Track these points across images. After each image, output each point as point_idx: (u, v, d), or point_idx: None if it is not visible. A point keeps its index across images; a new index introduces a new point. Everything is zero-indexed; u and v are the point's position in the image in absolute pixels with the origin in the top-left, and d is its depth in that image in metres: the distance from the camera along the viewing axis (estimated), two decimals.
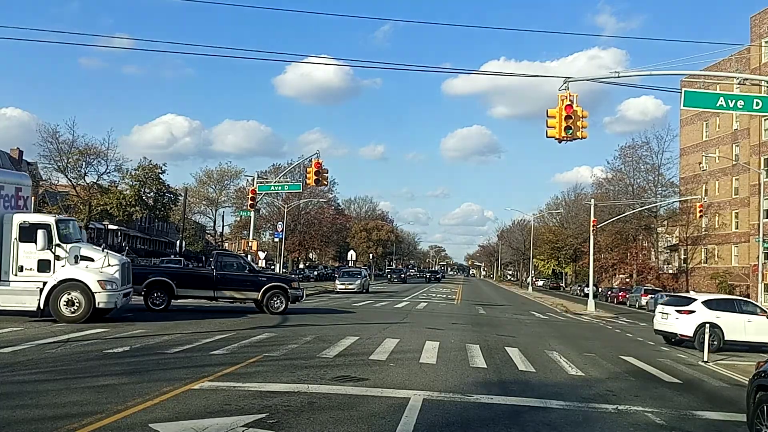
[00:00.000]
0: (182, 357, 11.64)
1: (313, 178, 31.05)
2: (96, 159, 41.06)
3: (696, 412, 9.48)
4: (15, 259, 16.22)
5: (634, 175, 63.84)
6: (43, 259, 16.29)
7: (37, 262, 16.25)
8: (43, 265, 16.30)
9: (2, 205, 16.72)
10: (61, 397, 7.83)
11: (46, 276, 16.28)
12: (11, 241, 16.22)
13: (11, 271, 16.18)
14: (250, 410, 7.57)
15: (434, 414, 8.03)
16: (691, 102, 16.60)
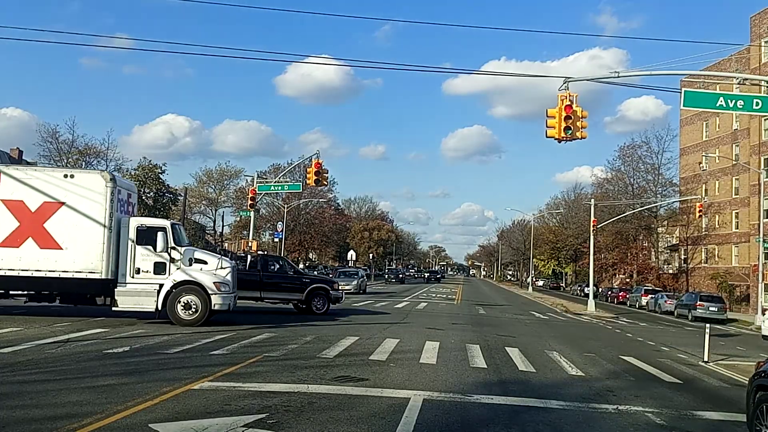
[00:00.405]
0: (182, 357, 11.64)
1: (312, 178, 31.04)
2: (96, 159, 41.11)
3: (696, 412, 9.48)
4: (132, 261, 16.57)
5: (634, 175, 63.91)
6: (159, 262, 16.66)
7: (154, 264, 16.62)
8: (159, 268, 16.64)
9: (119, 210, 16.98)
10: (60, 397, 7.83)
11: (161, 278, 16.61)
12: (128, 244, 16.58)
13: (128, 273, 16.54)
14: (250, 410, 7.56)
15: (434, 414, 8.02)
16: (691, 102, 16.59)
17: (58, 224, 16.14)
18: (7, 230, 16.07)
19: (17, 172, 16.66)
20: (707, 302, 37.99)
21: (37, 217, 16.14)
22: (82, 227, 16.18)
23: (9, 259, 16.08)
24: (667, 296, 46.31)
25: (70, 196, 16.27)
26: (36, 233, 16.10)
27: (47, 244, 16.10)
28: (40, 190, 16.22)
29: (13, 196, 16.15)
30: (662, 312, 43.76)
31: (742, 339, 26.87)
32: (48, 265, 16.10)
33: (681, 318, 39.12)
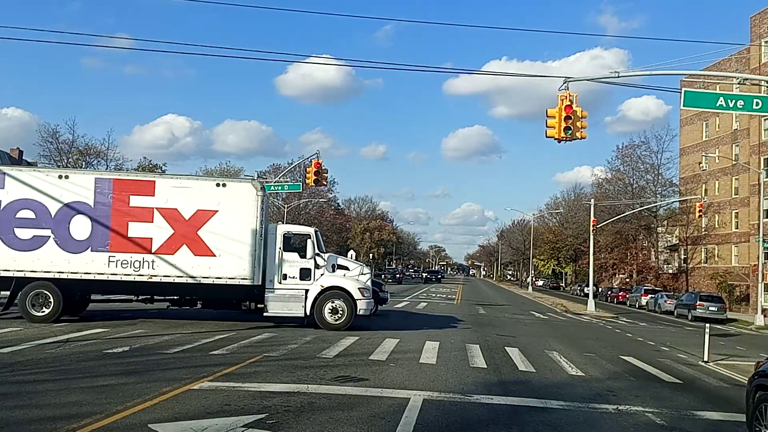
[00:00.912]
0: (182, 357, 11.63)
1: (312, 178, 31.01)
2: (96, 159, 41.09)
3: (696, 412, 9.47)
4: (280, 267, 17.01)
5: (634, 174, 63.89)
6: (305, 268, 17.09)
7: (300, 270, 17.10)
8: (304, 274, 17.08)
9: (265, 216, 17.27)
10: (60, 398, 7.82)
11: (307, 284, 17.03)
12: (276, 250, 17.04)
13: (276, 279, 16.99)
14: (249, 410, 7.56)
15: (434, 414, 8.02)
16: (691, 102, 16.57)
17: (211, 232, 16.54)
18: (162, 237, 16.44)
19: (172, 181, 17.02)
20: (707, 302, 37.97)
21: (191, 225, 16.54)
22: (234, 234, 16.55)
23: (165, 265, 16.40)
24: (666, 296, 46.30)
25: (223, 205, 16.64)
26: (190, 240, 16.51)
27: (201, 251, 16.50)
28: (193, 199, 16.62)
29: (167, 205, 16.54)
30: (662, 312, 43.75)
31: (741, 339, 26.86)
32: (202, 272, 16.45)
33: (681, 318, 39.12)
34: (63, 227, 16.18)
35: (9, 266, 16.10)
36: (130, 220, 16.38)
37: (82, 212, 16.22)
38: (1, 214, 16.13)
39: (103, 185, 16.48)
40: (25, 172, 16.98)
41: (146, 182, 16.94)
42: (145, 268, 16.36)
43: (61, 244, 16.17)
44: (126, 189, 16.57)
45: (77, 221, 16.21)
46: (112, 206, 16.38)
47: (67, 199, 16.29)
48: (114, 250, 16.28)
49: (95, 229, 16.25)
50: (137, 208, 16.42)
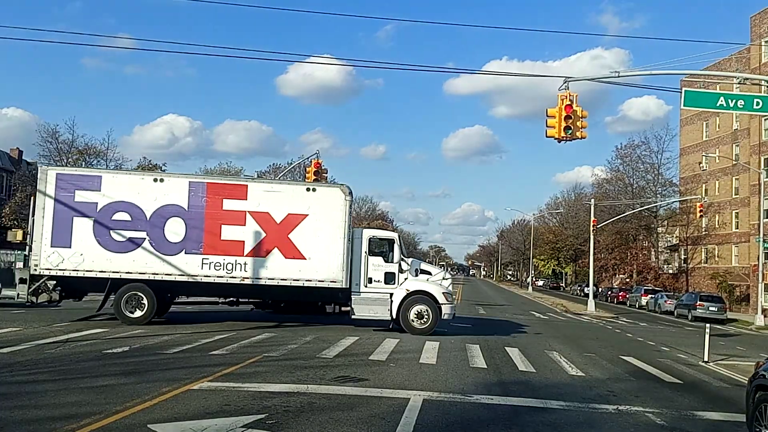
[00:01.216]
0: (182, 357, 11.62)
1: (312, 178, 31.00)
2: (96, 159, 41.06)
3: (697, 413, 9.46)
4: (365, 271, 17.27)
5: (634, 174, 63.86)
6: (389, 272, 17.30)
7: (384, 274, 17.33)
8: (389, 278, 17.29)
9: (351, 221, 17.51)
10: (59, 398, 7.81)
11: (391, 288, 17.23)
12: (361, 254, 17.29)
13: (362, 282, 17.25)
14: (249, 411, 7.54)
15: (434, 414, 8.00)
16: (692, 102, 16.57)
17: (301, 235, 16.82)
18: (254, 240, 16.73)
19: (264, 185, 17.46)
20: (707, 302, 37.97)
21: (282, 229, 16.82)
22: (324, 238, 16.86)
23: (257, 267, 16.70)
24: (667, 296, 46.30)
25: (312, 209, 16.94)
26: (281, 244, 16.79)
27: (292, 254, 16.77)
28: (284, 203, 16.92)
29: (259, 208, 16.80)
30: (662, 312, 43.74)
31: (741, 339, 26.85)
32: (292, 274, 16.72)
33: (681, 318, 39.11)
34: (158, 230, 16.47)
35: (105, 267, 16.31)
36: (223, 223, 16.69)
37: (176, 215, 16.54)
38: (98, 216, 16.37)
39: (197, 189, 16.79)
40: (121, 176, 17.31)
41: (239, 186, 17.23)
42: (237, 270, 16.62)
43: (155, 246, 16.45)
44: (219, 192, 16.88)
45: (171, 224, 16.52)
46: (205, 209, 16.73)
47: (162, 202, 16.56)
48: (207, 252, 16.57)
49: (189, 231, 16.57)
50: (230, 211, 16.76)
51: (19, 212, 39.21)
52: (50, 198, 16.26)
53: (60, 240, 16.13)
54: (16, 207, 39.67)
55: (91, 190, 16.41)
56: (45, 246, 16.19)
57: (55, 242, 16.12)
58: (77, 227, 16.21)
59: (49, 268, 16.21)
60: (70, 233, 16.17)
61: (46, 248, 16.19)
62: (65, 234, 16.15)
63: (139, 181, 16.85)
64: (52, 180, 16.36)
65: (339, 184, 17.61)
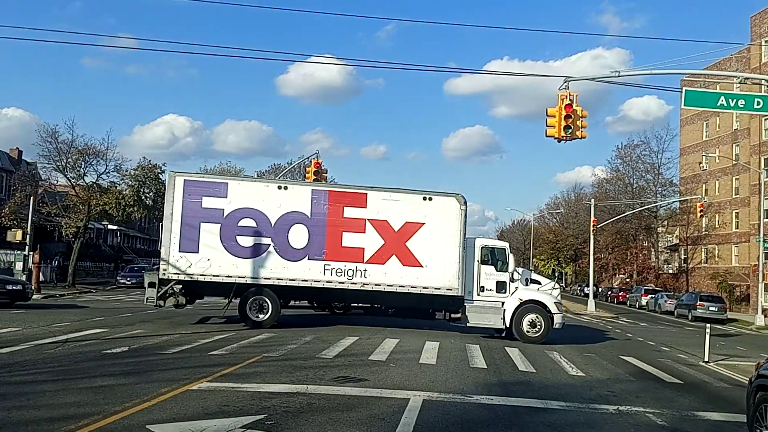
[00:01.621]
0: (181, 357, 11.60)
1: (312, 178, 30.99)
2: (95, 159, 40.93)
3: (697, 413, 9.43)
4: (478, 279, 17.54)
5: (634, 174, 63.83)
6: (501, 281, 17.57)
7: (496, 283, 17.61)
8: (500, 286, 17.57)
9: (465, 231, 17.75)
10: (58, 398, 7.78)
11: (502, 296, 17.48)
12: (474, 263, 17.56)
13: (475, 291, 17.51)
14: (248, 411, 7.52)
15: (434, 415, 7.98)
16: (692, 101, 16.54)
17: (418, 243, 17.17)
18: (374, 247, 17.13)
19: (382, 194, 17.65)
20: (707, 302, 37.94)
21: (399, 237, 17.22)
22: (440, 247, 17.16)
23: (376, 274, 16.99)
24: (667, 296, 46.26)
25: (429, 217, 17.27)
26: (399, 251, 17.16)
27: (409, 261, 17.14)
28: (401, 211, 17.28)
29: (378, 216, 17.23)
30: (662, 312, 43.71)
31: (742, 339, 26.83)
32: (410, 281, 17.08)
33: (681, 318, 39.09)
34: (282, 236, 16.87)
35: (231, 272, 16.68)
36: (344, 230, 17.10)
37: (299, 222, 16.94)
38: (225, 222, 16.72)
39: (319, 196, 17.22)
40: (246, 183, 17.70)
41: (359, 194, 17.50)
42: (357, 276, 17.02)
43: (280, 252, 16.84)
44: (340, 200, 17.28)
45: (295, 230, 16.89)
46: (327, 217, 17.12)
47: (286, 209, 16.95)
48: (329, 258, 16.98)
49: (312, 238, 16.95)
50: (350, 219, 17.18)
51: (19, 212, 39.13)
52: (178, 204, 16.66)
53: (188, 245, 16.57)
54: (16, 207, 39.55)
55: (217, 197, 16.83)
56: (173, 251, 16.58)
57: (183, 247, 16.56)
58: (204, 233, 16.63)
59: (177, 272, 16.58)
60: (197, 239, 16.60)
61: (175, 253, 16.58)
62: (193, 239, 16.59)
63: (263, 189, 17.36)
64: (180, 186, 16.79)
65: (454, 194, 17.85)
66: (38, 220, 39.53)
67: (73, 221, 40.19)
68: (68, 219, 40.22)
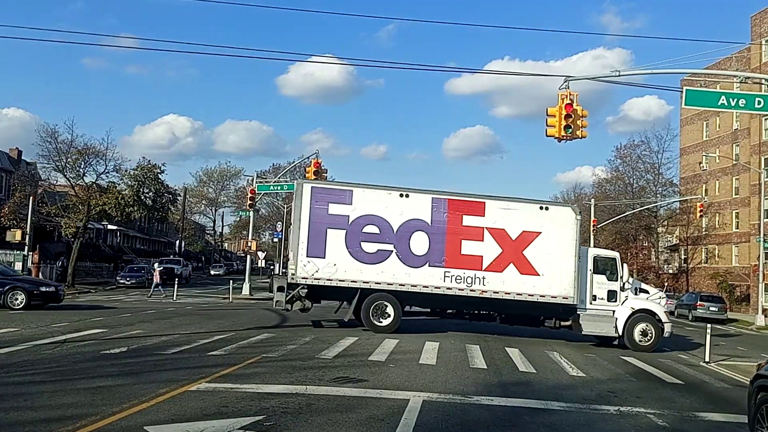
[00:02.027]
0: (179, 358, 11.55)
1: (312, 178, 30.96)
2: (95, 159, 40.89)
3: (698, 414, 9.39)
4: (590, 288, 17.81)
5: (633, 174, 63.75)
6: (612, 290, 17.90)
7: (607, 292, 17.87)
8: (611, 295, 17.87)
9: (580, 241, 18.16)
10: (55, 399, 7.74)
11: (613, 305, 17.74)
12: (587, 272, 17.84)
13: (587, 299, 17.79)
14: (247, 412, 7.47)
15: (434, 416, 7.93)
16: (693, 101, 16.50)
17: (535, 252, 17.46)
18: (492, 256, 17.40)
19: (500, 203, 17.94)
20: (707, 302, 37.90)
21: (517, 245, 17.49)
22: (556, 255, 17.46)
23: (494, 282, 17.29)
24: (667, 296, 46.15)
25: (545, 227, 17.58)
26: (516, 260, 17.43)
27: (526, 270, 17.42)
28: (518, 220, 17.61)
29: (496, 225, 17.52)
30: None
31: (742, 339, 26.78)
32: (527, 289, 17.35)
33: (681, 318, 39.03)
34: (404, 243, 17.22)
35: (356, 277, 17.07)
36: (463, 238, 17.37)
37: (420, 229, 17.29)
38: (350, 229, 17.08)
39: (439, 205, 17.51)
40: (369, 190, 17.94)
41: (477, 203, 17.76)
42: (476, 284, 17.32)
43: (402, 258, 17.19)
44: (459, 209, 17.55)
45: (416, 237, 17.26)
46: (447, 225, 17.39)
47: (407, 216, 17.31)
48: (449, 266, 17.29)
49: (432, 245, 17.27)
50: (469, 227, 17.46)
51: (18, 212, 39.08)
52: (306, 211, 17.00)
53: (315, 250, 16.94)
54: (15, 207, 39.51)
55: (343, 204, 17.20)
56: (301, 256, 16.96)
57: (310, 252, 16.94)
58: (331, 239, 17.01)
59: (305, 277, 16.95)
60: (324, 244, 16.97)
61: (302, 258, 16.95)
62: (320, 245, 16.95)
63: (386, 196, 17.64)
64: (307, 194, 17.11)
65: (570, 204, 18.34)
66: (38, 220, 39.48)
67: (73, 221, 40.15)
68: (68, 219, 40.17)
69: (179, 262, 50.25)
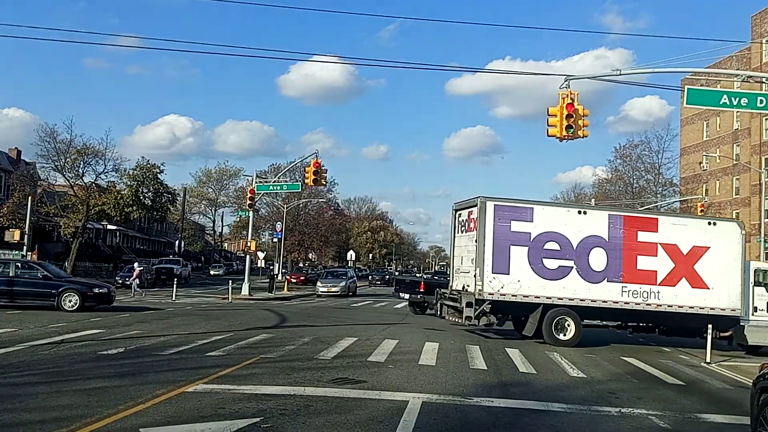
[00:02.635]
0: (177, 359, 11.47)
1: (311, 178, 30.90)
2: (94, 159, 40.83)
3: (700, 415, 9.30)
4: (752, 300, 18.41)
5: (633, 174, 63.64)
6: None
7: (767, 303, 18.58)
8: None
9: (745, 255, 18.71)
10: (50, 401, 7.65)
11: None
12: (749, 284, 18.38)
13: (749, 311, 18.30)
14: (244, 414, 7.38)
15: (433, 417, 7.85)
16: (694, 99, 16.41)
17: (704, 266, 17.88)
18: (665, 270, 17.77)
19: (671, 219, 18.72)
20: None
21: (688, 260, 17.90)
22: (723, 269, 17.90)
23: (667, 296, 17.75)
24: None
25: (714, 242, 18.05)
26: (688, 274, 17.85)
27: (697, 283, 17.87)
28: (688, 235, 18.05)
29: (668, 240, 17.90)
30: None
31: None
32: (698, 303, 17.80)
33: None
34: (583, 258, 17.50)
35: (539, 293, 17.34)
36: (638, 253, 17.75)
37: (598, 245, 17.62)
38: (532, 245, 17.36)
39: (615, 221, 17.87)
40: (549, 208, 18.49)
41: (650, 219, 18.36)
42: (651, 298, 17.65)
43: (582, 274, 17.51)
44: (634, 225, 17.93)
45: (595, 253, 17.58)
46: (623, 241, 17.74)
47: (586, 233, 17.60)
48: (626, 280, 17.65)
49: (610, 261, 17.61)
50: (644, 243, 17.79)
51: (17, 212, 39.01)
52: (490, 228, 17.25)
53: (499, 267, 17.17)
54: (14, 207, 39.44)
55: (524, 221, 17.44)
56: (487, 272, 17.15)
57: (495, 269, 17.15)
58: (514, 255, 17.25)
59: (491, 293, 17.13)
60: (508, 261, 17.22)
61: (488, 274, 17.14)
62: (504, 261, 17.20)
63: (565, 213, 18.13)
64: (491, 211, 17.32)
65: (735, 220, 18.81)
66: (37, 220, 39.42)
67: (72, 221, 40.09)
68: (67, 219, 40.11)
69: (179, 262, 50.16)
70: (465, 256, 18.39)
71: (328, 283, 38.91)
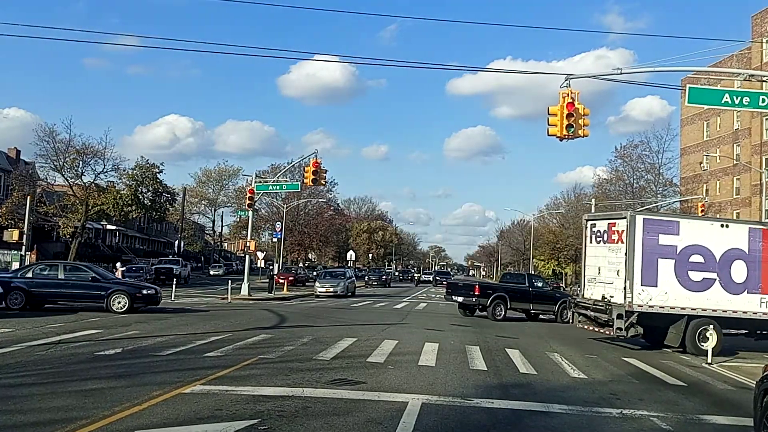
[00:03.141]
0: (175, 359, 11.38)
1: (311, 178, 30.82)
2: (93, 158, 40.77)
3: (702, 416, 9.21)
4: None
5: (633, 174, 63.56)
6: None
7: None
8: None
9: None
10: (46, 402, 7.57)
11: None
12: None
13: None
14: (241, 416, 7.30)
15: (433, 419, 7.77)
16: (696, 98, 16.33)
17: None
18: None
19: None
20: None
21: None
22: None
23: None
24: None
25: None
26: None
27: None
28: None
29: None
30: None
31: (743, 340, 26.55)
32: None
33: None
34: (725, 271, 17.97)
35: (684, 305, 17.75)
36: None
37: (738, 258, 18.08)
38: (678, 258, 17.82)
39: (755, 234, 18.35)
40: (693, 221, 19.24)
41: None
42: None
43: (724, 285, 17.96)
44: None
45: (736, 266, 18.05)
46: (762, 253, 18.23)
47: (727, 246, 18.06)
48: (765, 291, 18.19)
49: (750, 273, 18.10)
50: None
51: (16, 212, 38.93)
52: (639, 241, 17.62)
53: (648, 279, 17.60)
54: (13, 206, 39.37)
55: (671, 234, 17.91)
56: (636, 284, 17.55)
57: (644, 281, 17.59)
58: (661, 268, 17.69)
59: (640, 304, 17.52)
60: (655, 273, 17.66)
61: (637, 286, 17.54)
62: (652, 274, 17.64)
63: (708, 227, 18.59)
64: (640, 225, 17.74)
65: None
66: (36, 219, 39.33)
67: (71, 221, 40.03)
68: (66, 219, 40.05)
69: (178, 262, 50.09)
70: (603, 267, 18.82)
71: (327, 283, 38.82)
